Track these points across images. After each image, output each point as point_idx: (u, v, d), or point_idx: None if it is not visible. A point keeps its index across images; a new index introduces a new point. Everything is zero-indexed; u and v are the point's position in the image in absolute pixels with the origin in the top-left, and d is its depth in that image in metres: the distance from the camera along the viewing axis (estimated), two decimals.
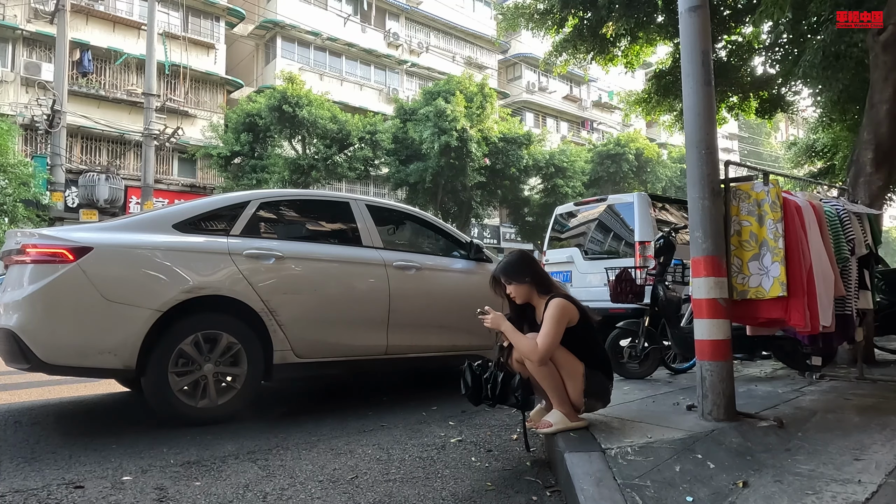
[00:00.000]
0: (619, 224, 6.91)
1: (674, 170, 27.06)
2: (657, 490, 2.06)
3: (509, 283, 2.84)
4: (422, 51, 25.65)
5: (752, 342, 4.03)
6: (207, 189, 19.29)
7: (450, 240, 4.51)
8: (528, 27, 7.87)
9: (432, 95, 18.71)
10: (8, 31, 17.01)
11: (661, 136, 30.46)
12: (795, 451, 2.49)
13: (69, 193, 16.71)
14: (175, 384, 3.12)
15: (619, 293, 4.47)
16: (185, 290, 3.15)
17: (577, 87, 31.95)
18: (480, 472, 2.54)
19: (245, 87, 21.74)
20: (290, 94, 17.16)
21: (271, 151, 17.83)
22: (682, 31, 3.14)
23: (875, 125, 5.07)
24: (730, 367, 2.96)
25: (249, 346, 3.33)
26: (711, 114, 3.07)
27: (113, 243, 3.11)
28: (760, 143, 40.56)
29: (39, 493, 2.20)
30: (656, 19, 7.21)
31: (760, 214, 3.17)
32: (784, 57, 7.22)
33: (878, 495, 1.99)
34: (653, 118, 9.10)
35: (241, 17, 21.46)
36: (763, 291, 3.12)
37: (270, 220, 3.78)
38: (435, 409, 3.72)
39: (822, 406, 3.41)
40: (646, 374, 4.48)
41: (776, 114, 8.74)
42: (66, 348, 2.93)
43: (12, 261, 3.08)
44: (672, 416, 3.11)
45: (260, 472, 2.48)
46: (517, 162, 20.15)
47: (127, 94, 18.45)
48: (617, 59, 7.99)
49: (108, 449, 2.78)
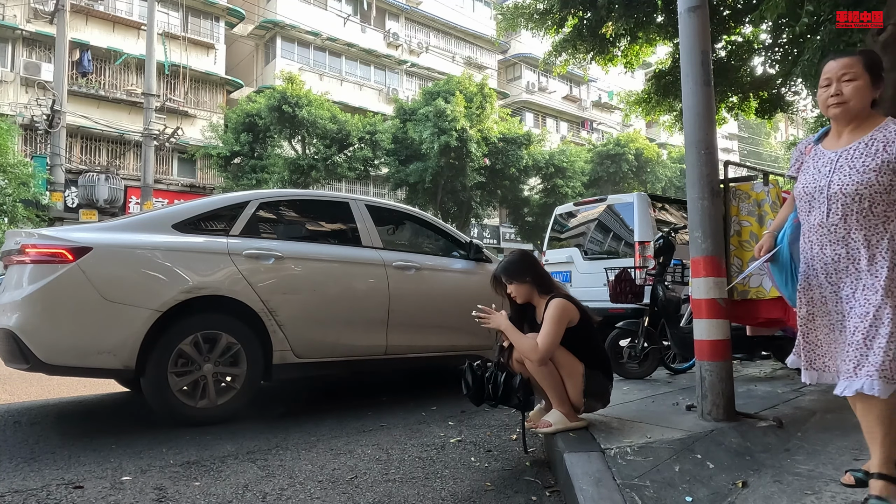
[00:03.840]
0: (619, 224, 6.91)
1: (673, 170, 27.06)
2: (656, 490, 2.06)
3: (510, 282, 2.84)
4: (422, 51, 25.66)
5: (751, 342, 4.03)
6: (207, 189, 19.29)
7: (449, 240, 4.51)
8: (527, 27, 7.87)
9: (432, 95, 18.71)
10: (8, 31, 17.01)
11: (660, 137, 30.46)
12: (795, 451, 2.49)
13: (69, 193, 16.72)
14: (174, 384, 3.12)
15: (618, 293, 4.47)
16: (185, 290, 3.15)
17: (576, 88, 31.95)
18: (480, 472, 2.54)
19: (245, 87, 21.75)
20: (290, 94, 17.17)
21: (271, 151, 17.83)
22: (682, 31, 3.14)
23: None
24: (729, 368, 2.96)
25: (249, 346, 3.33)
26: (711, 114, 3.06)
27: (112, 243, 3.11)
28: (760, 143, 40.56)
29: (39, 494, 2.20)
30: (656, 19, 7.20)
31: (761, 215, 3.17)
32: (784, 57, 7.22)
33: None
34: (652, 118, 9.10)
35: (240, 17, 21.46)
36: (763, 291, 3.12)
37: (270, 220, 3.78)
38: (434, 410, 3.72)
39: (822, 406, 3.41)
40: (645, 374, 4.47)
41: (776, 114, 8.73)
42: (65, 348, 2.93)
43: (12, 261, 3.08)
44: (671, 416, 3.11)
45: (259, 472, 2.48)
46: (517, 162, 20.15)
47: (127, 94, 18.45)
48: (617, 59, 7.99)
49: (107, 449, 2.78)
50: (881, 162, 1.86)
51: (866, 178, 1.86)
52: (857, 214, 1.89)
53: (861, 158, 1.90)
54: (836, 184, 1.92)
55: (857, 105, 1.92)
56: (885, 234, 1.87)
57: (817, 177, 2.00)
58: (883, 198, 1.86)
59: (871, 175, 1.86)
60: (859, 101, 1.92)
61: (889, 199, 1.87)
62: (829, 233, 1.95)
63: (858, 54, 1.95)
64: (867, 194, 1.87)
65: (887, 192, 1.86)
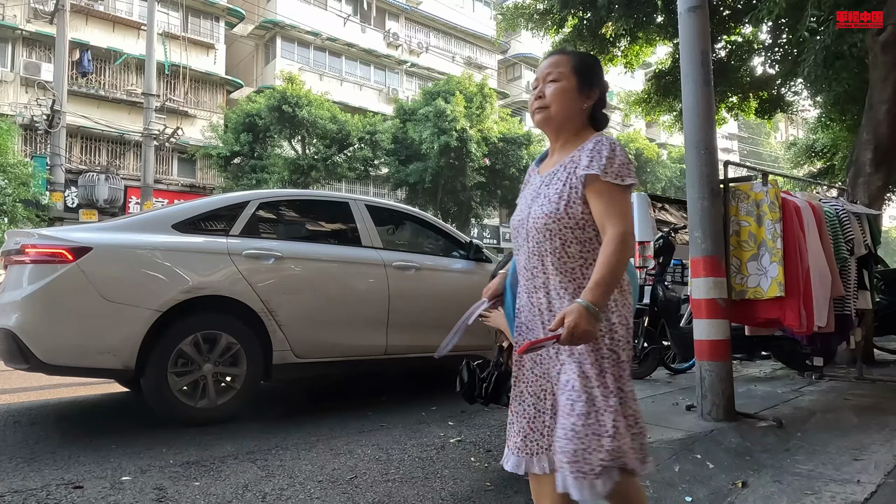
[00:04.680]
0: None
1: (673, 170, 27.06)
2: (656, 490, 2.06)
3: None
4: (422, 51, 25.65)
5: (751, 342, 4.03)
6: (207, 189, 19.27)
7: (449, 240, 4.51)
8: (527, 27, 7.88)
9: (432, 95, 18.71)
10: (8, 31, 17.00)
11: (660, 137, 30.45)
12: (794, 451, 2.49)
13: (69, 193, 16.70)
14: (174, 384, 3.12)
15: None
16: (185, 290, 3.15)
17: None
18: (479, 472, 2.54)
19: (245, 87, 21.73)
20: (290, 94, 17.16)
21: (271, 151, 17.83)
22: (682, 31, 3.14)
23: (874, 125, 5.08)
24: (729, 368, 2.96)
25: (249, 346, 3.33)
26: (711, 114, 3.07)
27: (112, 243, 3.11)
28: (760, 143, 40.54)
29: (39, 494, 2.20)
30: (656, 19, 7.21)
31: (759, 215, 3.17)
32: (784, 57, 7.22)
33: (877, 495, 1.99)
34: (652, 118, 9.10)
35: (240, 17, 21.45)
36: (761, 292, 3.12)
37: (270, 220, 3.78)
38: (434, 410, 3.72)
39: (822, 406, 3.41)
40: (645, 375, 4.47)
41: (776, 114, 8.74)
42: (65, 348, 2.93)
43: (12, 261, 3.08)
44: (671, 416, 3.11)
45: (259, 472, 2.48)
46: (517, 162, 20.15)
47: (127, 94, 18.44)
48: (617, 60, 7.99)
49: (107, 449, 2.78)
50: (569, 189, 1.46)
51: (554, 209, 1.46)
52: (552, 255, 1.47)
53: (556, 184, 1.50)
54: (533, 216, 1.51)
55: (558, 112, 1.52)
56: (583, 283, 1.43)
57: (523, 206, 1.59)
58: (576, 234, 1.45)
59: (561, 205, 1.46)
60: (561, 108, 1.52)
61: (584, 236, 1.45)
62: (532, 277, 1.53)
63: (570, 53, 1.60)
64: (556, 229, 1.46)
65: (581, 228, 1.45)
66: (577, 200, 1.45)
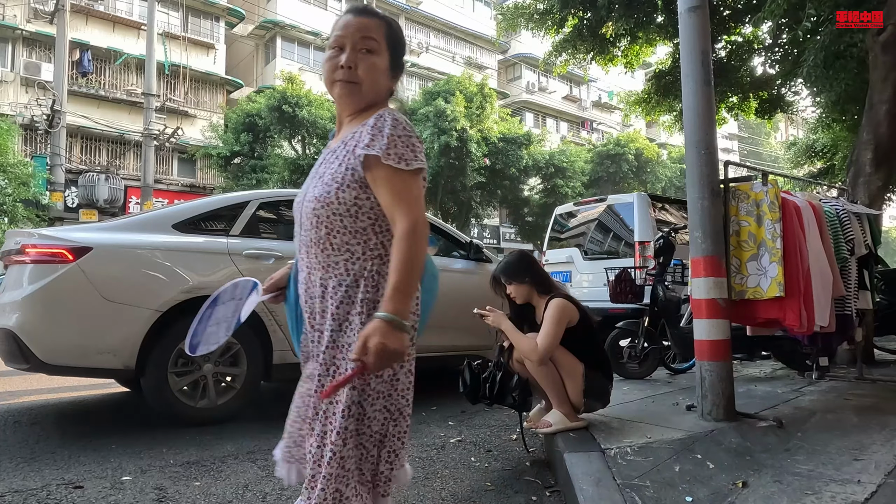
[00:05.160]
0: (619, 224, 6.91)
1: (673, 170, 27.05)
2: (656, 490, 2.06)
3: (509, 283, 2.84)
4: (422, 51, 25.66)
5: (751, 342, 4.03)
6: (207, 189, 19.28)
7: (449, 240, 4.51)
8: (527, 27, 7.88)
9: (432, 95, 18.72)
10: (8, 31, 17.01)
11: (660, 137, 30.45)
12: (795, 452, 2.49)
13: (69, 193, 16.70)
14: (175, 384, 3.12)
15: (618, 293, 4.47)
16: (185, 290, 3.15)
17: (576, 88, 31.94)
18: (480, 472, 2.54)
19: (245, 87, 21.74)
20: (290, 94, 17.17)
21: (271, 151, 17.84)
22: (682, 31, 3.14)
23: (875, 125, 5.08)
24: (729, 368, 2.96)
25: (249, 346, 3.33)
26: (711, 114, 3.07)
27: (112, 243, 3.11)
28: (760, 143, 40.55)
29: (39, 494, 2.20)
30: (656, 19, 7.21)
31: (759, 215, 3.17)
32: (784, 57, 7.23)
33: (878, 495, 1.99)
34: (653, 118, 9.10)
35: (240, 17, 21.46)
36: (761, 292, 3.12)
37: (270, 220, 3.78)
38: (435, 410, 3.72)
39: (822, 406, 3.41)
40: (645, 375, 4.47)
41: (776, 114, 8.74)
42: (65, 348, 2.93)
43: (12, 261, 3.08)
44: (671, 416, 3.11)
45: (259, 472, 2.48)
46: (517, 162, 20.14)
47: (127, 94, 18.45)
48: (617, 60, 7.99)
49: (107, 449, 2.78)
50: (345, 170, 1.25)
51: (324, 192, 1.26)
52: (315, 246, 1.28)
53: (333, 164, 1.29)
54: (307, 199, 1.31)
55: (368, 91, 1.31)
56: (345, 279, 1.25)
57: (303, 187, 1.38)
58: (344, 223, 1.25)
59: (332, 188, 1.25)
60: (372, 87, 1.31)
61: (354, 225, 1.25)
62: (305, 267, 1.33)
63: (383, 18, 1.37)
64: (324, 216, 1.26)
65: (352, 217, 1.25)
66: (351, 184, 1.24)
